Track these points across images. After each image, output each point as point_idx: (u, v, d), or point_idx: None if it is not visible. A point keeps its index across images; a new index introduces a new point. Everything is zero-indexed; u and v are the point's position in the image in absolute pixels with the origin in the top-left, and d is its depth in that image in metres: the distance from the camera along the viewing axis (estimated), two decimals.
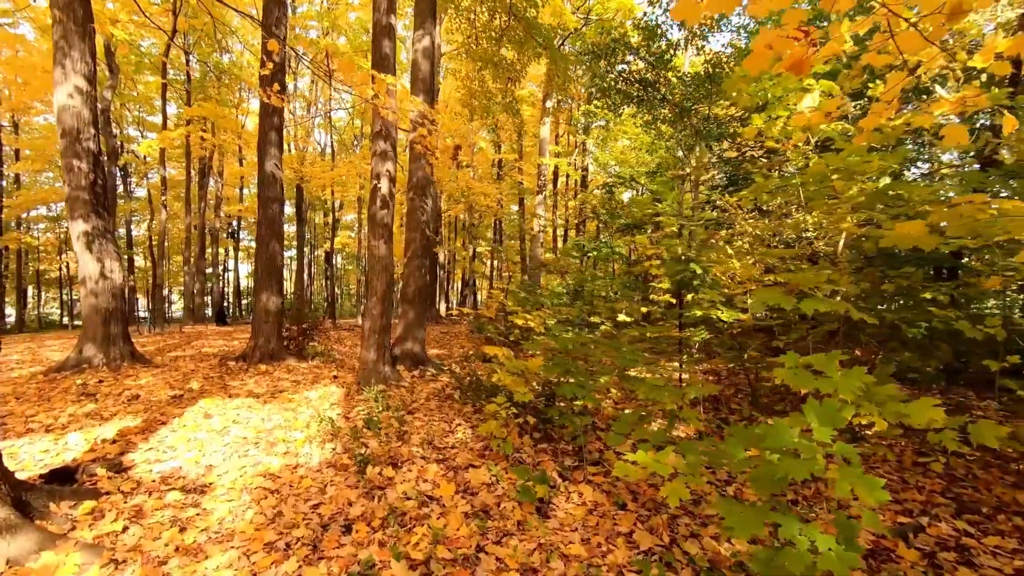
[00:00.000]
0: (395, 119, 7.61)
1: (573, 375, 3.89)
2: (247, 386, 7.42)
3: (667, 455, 2.64)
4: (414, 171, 9.00)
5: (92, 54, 8.82)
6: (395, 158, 7.63)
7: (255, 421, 5.53)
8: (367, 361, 7.33)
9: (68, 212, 8.62)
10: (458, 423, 5.36)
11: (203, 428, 5.25)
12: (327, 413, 5.78)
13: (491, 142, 25.98)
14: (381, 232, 7.42)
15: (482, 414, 5.75)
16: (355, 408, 5.99)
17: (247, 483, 3.91)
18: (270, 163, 9.86)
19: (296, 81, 28.22)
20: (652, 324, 8.82)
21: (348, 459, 4.29)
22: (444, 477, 3.98)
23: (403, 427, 5.03)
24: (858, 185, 5.12)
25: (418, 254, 8.91)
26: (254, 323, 9.83)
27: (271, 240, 9.92)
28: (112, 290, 8.85)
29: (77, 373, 8.26)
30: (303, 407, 6.19)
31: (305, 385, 7.53)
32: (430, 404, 6.28)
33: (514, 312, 6.72)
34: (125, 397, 6.52)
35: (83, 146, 8.61)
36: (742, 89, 5.30)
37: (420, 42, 8.87)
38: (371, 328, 7.36)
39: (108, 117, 22.05)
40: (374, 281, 7.47)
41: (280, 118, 10.13)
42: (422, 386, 7.36)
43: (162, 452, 4.51)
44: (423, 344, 8.94)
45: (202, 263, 27.24)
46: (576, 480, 3.86)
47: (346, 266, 45.13)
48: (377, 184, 7.40)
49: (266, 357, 9.51)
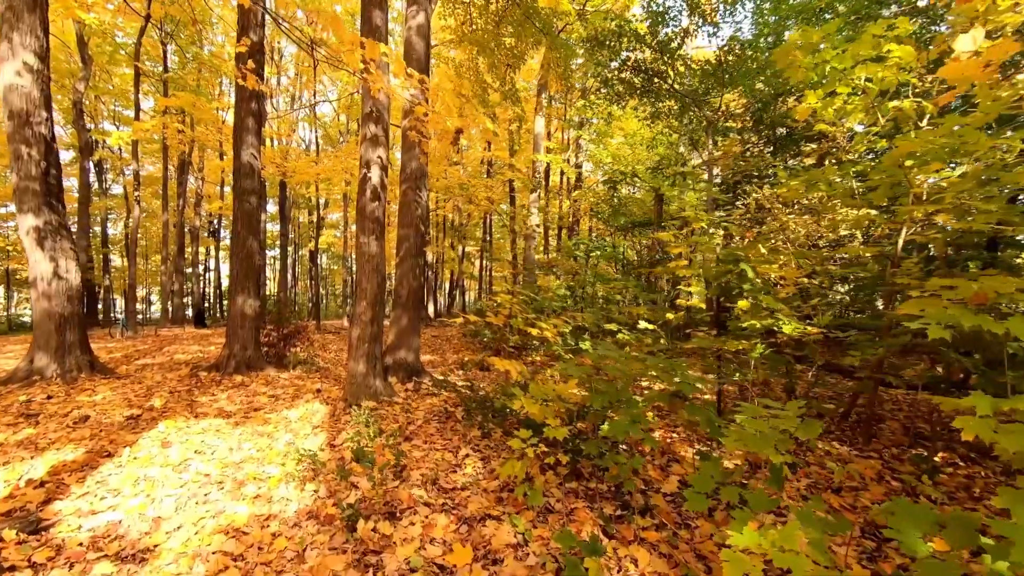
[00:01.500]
0: (388, 98, 6.75)
1: (624, 406, 3.08)
2: (218, 402, 6.50)
3: (792, 535, 1.83)
4: (407, 161, 8.13)
5: (44, 28, 7.83)
6: (388, 144, 6.75)
7: (222, 451, 4.63)
8: (355, 374, 6.44)
9: (16, 205, 7.64)
10: (466, 453, 4.51)
11: (157, 461, 4.34)
12: (308, 443, 4.90)
13: (483, 139, 25.08)
14: (372, 227, 6.54)
15: (491, 440, 4.91)
16: (342, 434, 5.12)
17: (203, 544, 3.03)
18: (247, 152, 8.92)
19: (279, 76, 27.19)
20: (680, 333, 8.03)
21: (333, 507, 3.43)
22: (456, 534, 3.14)
23: (400, 460, 4.17)
24: (932, 172, 4.36)
25: (412, 253, 8.03)
26: (229, 328, 8.88)
27: (248, 237, 8.99)
28: (68, 292, 7.88)
29: (26, 387, 7.29)
30: (281, 431, 5.30)
31: (285, 401, 6.63)
32: (429, 426, 5.42)
33: (524, 319, 5.90)
34: (72, 419, 5.58)
35: (34, 131, 7.63)
36: (796, 60, 4.51)
37: (414, 19, 8.00)
38: (360, 336, 6.48)
39: (81, 110, 20.96)
40: (364, 283, 6.58)
41: (259, 103, 9.20)
42: (418, 402, 6.50)
43: (100, 499, 3.61)
44: (417, 353, 8.06)
45: (181, 262, 26.07)
46: (625, 539, 3.04)
47: (331, 266, 44.10)
48: (367, 173, 6.52)
49: (242, 366, 8.58)
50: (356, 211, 6.69)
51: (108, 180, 33.24)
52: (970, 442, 4.90)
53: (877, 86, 4.41)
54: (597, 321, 6.96)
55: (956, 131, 3.41)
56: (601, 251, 11.78)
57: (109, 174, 33.17)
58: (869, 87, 4.45)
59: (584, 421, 4.29)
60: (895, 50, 3.84)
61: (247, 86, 7.06)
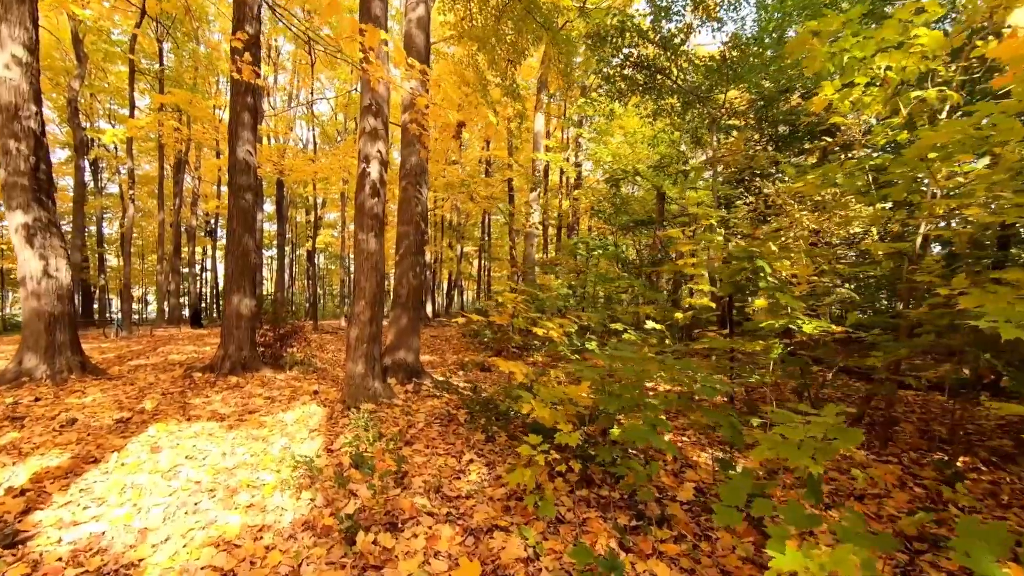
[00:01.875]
0: (387, 91, 6.55)
1: (643, 410, 2.89)
2: (212, 405, 6.30)
3: (846, 560, 1.64)
4: (407, 156, 7.92)
5: (34, 20, 7.62)
6: (387, 138, 6.55)
7: (214, 456, 4.43)
8: (354, 376, 6.24)
9: (5, 201, 7.42)
10: (470, 459, 4.31)
11: (146, 467, 4.14)
12: (305, 448, 4.70)
13: (483, 136, 24.89)
14: (371, 224, 6.34)
15: (495, 444, 4.72)
16: (340, 438, 4.92)
17: (191, 559, 2.83)
18: (243, 148, 8.71)
19: (276, 74, 26.95)
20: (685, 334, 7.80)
21: (331, 517, 3.24)
22: (462, 547, 2.94)
23: (401, 466, 3.98)
24: (954, 165, 4.19)
25: (412, 251, 7.83)
26: (224, 329, 8.67)
27: (244, 234, 8.77)
28: (58, 291, 7.67)
29: (14, 388, 7.07)
30: (276, 434, 5.10)
31: (281, 404, 6.43)
32: (431, 430, 5.22)
33: (527, 318, 5.70)
34: (59, 422, 5.37)
35: (22, 125, 7.41)
36: (813, 49, 4.32)
37: (414, 11, 7.80)
38: (358, 337, 6.28)
39: (76, 108, 20.65)
40: (362, 281, 6.38)
41: (255, 98, 8.99)
42: (418, 404, 6.30)
43: (83, 508, 3.41)
44: (417, 353, 7.86)
45: (177, 262, 25.83)
46: (643, 552, 2.85)
47: (329, 265, 43.86)
48: (366, 168, 6.32)
49: (237, 367, 8.37)
50: (355, 207, 6.50)
51: (104, 179, 33.00)
52: (993, 446, 4.75)
53: (898, 76, 4.24)
54: (602, 321, 6.77)
55: (985, 122, 3.24)
56: (603, 250, 11.58)
57: (105, 173, 32.92)
58: (890, 76, 4.27)
59: (593, 425, 4.10)
60: (922, 35, 3.65)
61: (242, 79, 6.87)
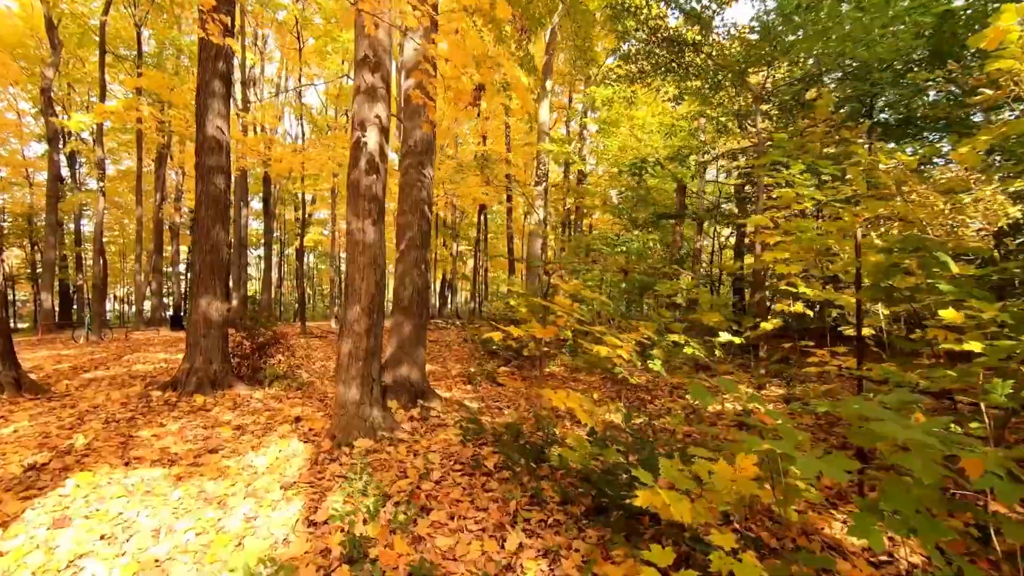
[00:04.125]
0: (389, 38, 5.18)
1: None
2: (163, 440, 4.89)
3: None
4: (411, 130, 6.54)
5: None
6: (388, 99, 5.17)
7: (142, 537, 3.04)
8: (346, 403, 4.84)
9: None
10: (518, 542, 2.94)
11: (34, 558, 2.76)
12: (277, 517, 3.29)
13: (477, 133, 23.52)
14: (367, 208, 4.96)
15: (544, 509, 3.37)
16: (328, 498, 3.53)
17: None
18: (212, 123, 7.30)
19: (263, 65, 25.47)
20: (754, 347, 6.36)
21: None
22: None
23: (421, 558, 2.62)
24: None
25: (416, 243, 6.45)
26: (189, 337, 7.23)
27: (215, 225, 7.36)
28: None
29: None
30: (239, 492, 3.71)
31: (253, 436, 5.04)
32: (451, 484, 3.84)
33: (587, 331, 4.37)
34: None
35: None
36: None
37: None
38: (351, 353, 4.89)
39: (50, 98, 19.09)
40: (357, 280, 5.00)
41: (227, 63, 7.59)
42: (429, 439, 4.92)
43: None
44: (423, 369, 6.47)
45: (159, 260, 24.21)
46: None
47: (318, 264, 42.25)
48: (362, 137, 4.93)
49: (205, 384, 6.95)
50: (347, 188, 5.11)
51: (83, 174, 31.36)
52: None
53: None
54: (659, 331, 5.45)
55: None
56: (626, 246, 10.28)
57: (84, 168, 31.30)
58: None
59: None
60: None
61: (211, 40, 5.51)
